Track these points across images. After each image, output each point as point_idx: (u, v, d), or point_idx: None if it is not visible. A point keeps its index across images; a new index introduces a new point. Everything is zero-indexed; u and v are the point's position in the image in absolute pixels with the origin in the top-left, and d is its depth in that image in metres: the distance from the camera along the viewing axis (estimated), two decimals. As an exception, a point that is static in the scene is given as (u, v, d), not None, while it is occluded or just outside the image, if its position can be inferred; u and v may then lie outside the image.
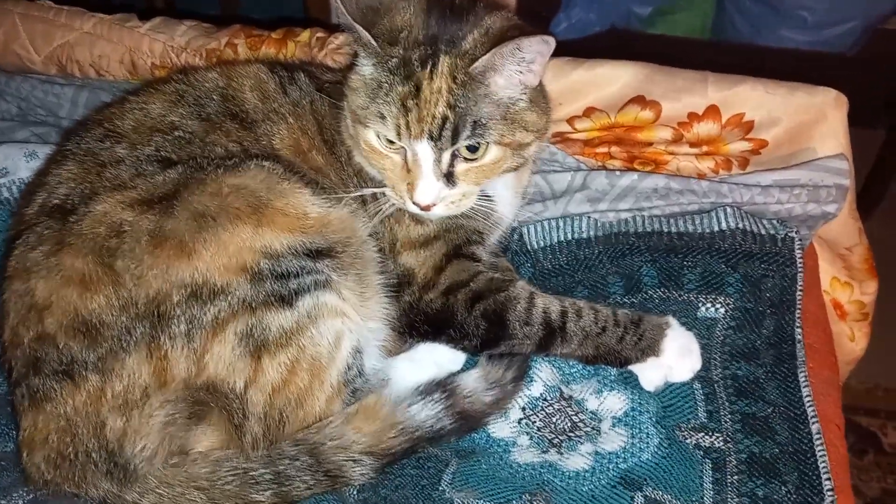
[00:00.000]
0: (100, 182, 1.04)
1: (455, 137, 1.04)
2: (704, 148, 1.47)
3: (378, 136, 1.09)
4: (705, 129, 1.45)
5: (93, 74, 1.70)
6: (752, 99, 1.42)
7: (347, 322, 1.06)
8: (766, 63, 1.54)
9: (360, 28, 1.03)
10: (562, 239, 1.36)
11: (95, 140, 1.11)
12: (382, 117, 1.05)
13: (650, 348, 1.13)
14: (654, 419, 1.10)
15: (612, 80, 1.45)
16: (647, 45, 2.72)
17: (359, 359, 1.08)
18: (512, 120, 1.07)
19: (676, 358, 1.13)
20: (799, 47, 2.60)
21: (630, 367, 1.15)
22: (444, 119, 1.03)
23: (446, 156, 1.06)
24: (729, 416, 1.13)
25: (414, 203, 1.08)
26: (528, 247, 1.38)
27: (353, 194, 1.15)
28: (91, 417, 0.95)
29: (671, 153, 1.47)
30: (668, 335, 1.13)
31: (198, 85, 1.20)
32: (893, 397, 2.34)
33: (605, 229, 1.36)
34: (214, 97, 1.18)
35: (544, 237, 1.38)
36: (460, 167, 1.08)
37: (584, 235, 1.36)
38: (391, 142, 1.07)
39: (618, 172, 1.43)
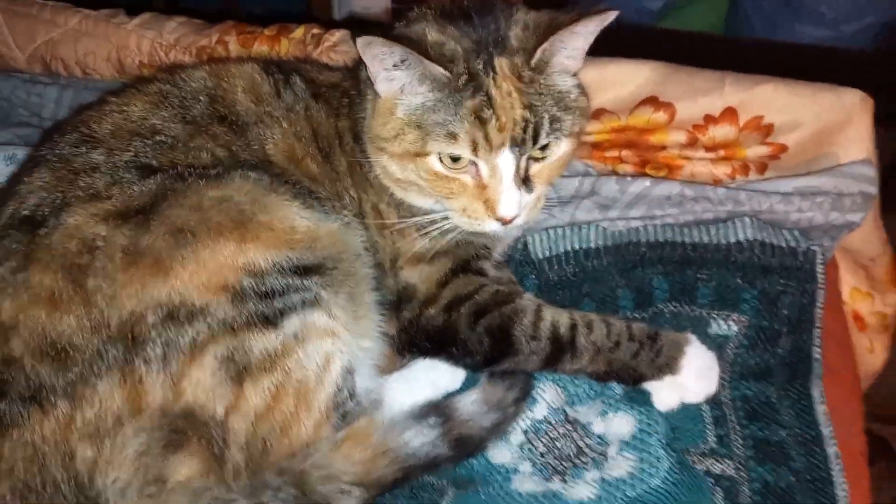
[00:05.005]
0: (73, 191, 1.00)
1: (536, 138, 1.02)
2: (721, 152, 1.42)
3: (440, 160, 1.04)
4: (721, 132, 1.40)
5: (78, 73, 1.66)
6: (773, 101, 1.37)
7: (338, 342, 1.01)
8: (783, 60, 1.48)
9: (431, 65, 0.99)
10: (568, 248, 1.31)
11: (70, 145, 1.07)
12: (453, 137, 1.02)
13: (667, 366, 1.09)
14: (663, 441, 1.04)
15: (626, 80, 1.40)
16: (659, 41, 2.64)
17: (350, 380, 1.04)
18: (573, 108, 1.06)
19: (695, 378, 1.09)
20: (816, 43, 2.52)
21: (644, 385, 1.10)
22: (526, 121, 1.01)
23: (524, 160, 1.04)
24: (741, 441, 1.08)
25: (498, 219, 1.05)
26: (533, 257, 1.32)
27: (399, 225, 1.13)
28: (60, 447, 0.91)
29: (685, 157, 1.43)
30: (688, 353, 1.09)
31: (183, 85, 1.15)
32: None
33: (614, 239, 1.31)
34: (201, 98, 1.14)
35: (550, 247, 1.32)
36: (534, 169, 1.07)
37: (593, 245, 1.31)
38: (455, 160, 1.04)
39: (629, 178, 1.38)
